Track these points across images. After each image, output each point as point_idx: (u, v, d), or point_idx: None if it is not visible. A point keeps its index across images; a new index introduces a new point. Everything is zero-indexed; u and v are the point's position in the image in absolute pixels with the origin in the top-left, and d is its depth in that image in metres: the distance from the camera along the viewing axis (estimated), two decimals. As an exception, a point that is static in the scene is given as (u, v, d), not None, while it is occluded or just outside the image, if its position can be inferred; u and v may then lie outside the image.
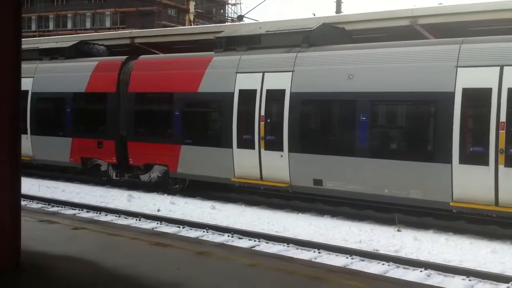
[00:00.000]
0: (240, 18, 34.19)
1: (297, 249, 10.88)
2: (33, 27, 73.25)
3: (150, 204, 15.42)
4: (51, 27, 72.97)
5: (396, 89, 12.84)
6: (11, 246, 6.11)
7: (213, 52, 16.45)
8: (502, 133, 11.42)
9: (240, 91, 15.16)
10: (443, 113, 12.15)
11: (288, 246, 11.00)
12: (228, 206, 15.39)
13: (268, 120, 14.70)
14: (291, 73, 14.39)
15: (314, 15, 23.98)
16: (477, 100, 11.91)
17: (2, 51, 6.02)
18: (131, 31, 27.46)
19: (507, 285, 8.71)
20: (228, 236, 11.80)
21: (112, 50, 21.28)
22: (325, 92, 13.88)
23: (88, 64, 18.92)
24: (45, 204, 15.14)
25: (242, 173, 15.18)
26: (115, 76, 17.95)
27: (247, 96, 15.00)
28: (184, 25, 41.65)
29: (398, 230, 12.44)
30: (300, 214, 14.31)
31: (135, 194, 16.91)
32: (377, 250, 10.77)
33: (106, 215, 13.94)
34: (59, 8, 72.64)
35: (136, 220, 13.37)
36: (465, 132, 11.96)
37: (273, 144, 14.51)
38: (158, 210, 14.63)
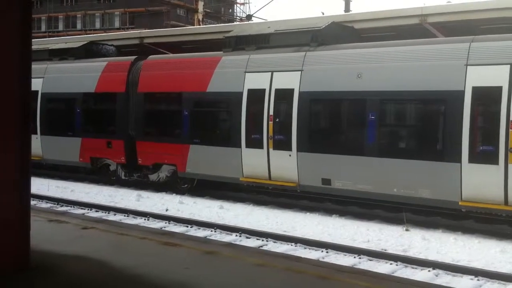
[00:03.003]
0: (249, 17, 34.20)
1: (305, 248, 10.87)
2: (43, 28, 73.64)
3: (158, 204, 15.47)
4: (60, 27, 73.32)
5: (405, 88, 12.79)
6: (21, 245, 6.15)
7: (222, 52, 16.46)
8: (512, 132, 11.35)
9: (249, 90, 15.17)
10: (453, 112, 12.09)
11: (296, 246, 10.99)
12: (237, 205, 15.40)
13: (277, 120, 14.69)
14: (300, 72, 14.37)
15: (323, 14, 23.95)
16: (487, 98, 11.84)
17: (12, 51, 6.06)
18: (140, 31, 27.54)
19: (516, 285, 8.66)
20: (236, 235, 11.81)
21: (121, 50, 21.36)
22: (334, 91, 13.84)
23: (98, 65, 19.00)
24: (55, 204, 15.22)
25: (250, 173, 15.19)
26: (124, 76, 18.02)
27: (256, 95, 15.00)
28: (192, 24, 41.71)
29: (407, 230, 12.40)
30: (308, 213, 14.30)
31: (144, 193, 16.96)
32: (385, 250, 10.74)
33: (115, 214, 13.99)
34: (69, 8, 72.97)
35: (145, 219, 13.41)
36: (474, 131, 11.89)
37: (282, 144, 14.50)
38: (167, 210, 14.67)
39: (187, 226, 12.66)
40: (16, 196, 6.12)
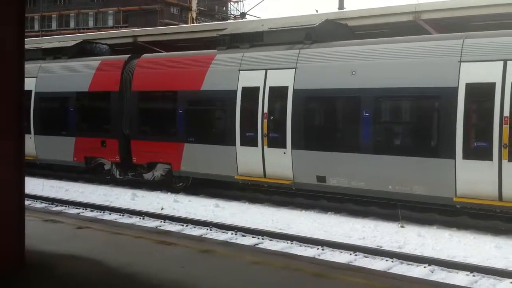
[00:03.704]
0: (243, 15, 34.16)
1: (300, 246, 10.88)
2: (36, 27, 73.36)
3: (153, 203, 15.45)
4: (54, 26, 73.05)
5: (399, 85, 12.82)
6: (16, 245, 6.13)
7: (215, 50, 16.44)
8: (506, 127, 11.39)
9: (243, 88, 15.16)
10: (447, 109, 12.12)
11: (291, 243, 10.99)
12: (232, 203, 15.40)
13: (271, 117, 14.69)
14: (294, 70, 14.37)
15: (317, 11, 23.94)
16: (481, 95, 11.87)
17: (5, 51, 6.03)
18: (134, 29, 27.47)
19: (511, 280, 8.69)
20: (232, 233, 11.81)
21: (115, 49, 21.30)
22: (328, 88, 13.85)
23: (91, 64, 18.94)
24: (49, 204, 15.17)
25: (245, 171, 15.18)
26: (118, 75, 17.97)
27: (250, 93, 14.99)
28: (186, 23, 41.65)
29: (402, 226, 12.43)
30: (303, 211, 14.31)
31: (139, 192, 16.93)
32: (380, 247, 10.76)
33: (110, 214, 13.96)
34: (62, 7, 72.74)
35: (140, 218, 13.39)
36: (468, 127, 11.93)
37: (276, 141, 14.51)
38: (162, 209, 14.64)
39: (183, 225, 12.65)
40: (11, 196, 6.09)
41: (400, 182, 12.73)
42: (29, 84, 19.13)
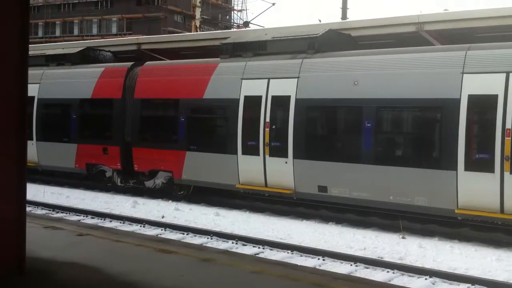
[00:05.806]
0: (246, 24, 34.32)
1: (301, 256, 10.84)
2: (40, 33, 73.71)
3: (154, 211, 15.43)
4: (57, 33, 73.39)
5: (402, 96, 12.82)
6: (16, 251, 6.12)
7: (218, 59, 16.48)
8: (508, 140, 11.37)
9: (246, 97, 15.17)
10: (449, 120, 12.12)
11: (292, 253, 10.96)
12: (233, 212, 15.37)
13: (273, 127, 14.70)
14: (296, 79, 14.39)
15: (320, 21, 23.99)
16: (483, 106, 11.87)
17: (9, 57, 6.05)
18: (137, 37, 27.57)
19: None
20: (233, 242, 11.78)
21: (118, 56, 21.36)
22: (330, 98, 13.87)
23: (94, 70, 18.99)
24: (50, 210, 15.16)
25: (246, 180, 15.17)
26: (121, 82, 18.00)
27: (252, 102, 15.01)
28: (190, 31, 41.82)
29: (403, 237, 12.39)
30: (304, 221, 14.28)
31: (140, 200, 16.92)
32: (381, 258, 10.72)
33: (110, 221, 13.94)
34: (66, 14, 73.10)
35: (141, 226, 13.37)
36: (470, 139, 11.92)
37: (278, 151, 14.50)
38: (163, 217, 14.62)
39: (183, 233, 12.62)
40: (12, 202, 6.09)
41: (402, 193, 12.71)
42: (32, 90, 19.16)
